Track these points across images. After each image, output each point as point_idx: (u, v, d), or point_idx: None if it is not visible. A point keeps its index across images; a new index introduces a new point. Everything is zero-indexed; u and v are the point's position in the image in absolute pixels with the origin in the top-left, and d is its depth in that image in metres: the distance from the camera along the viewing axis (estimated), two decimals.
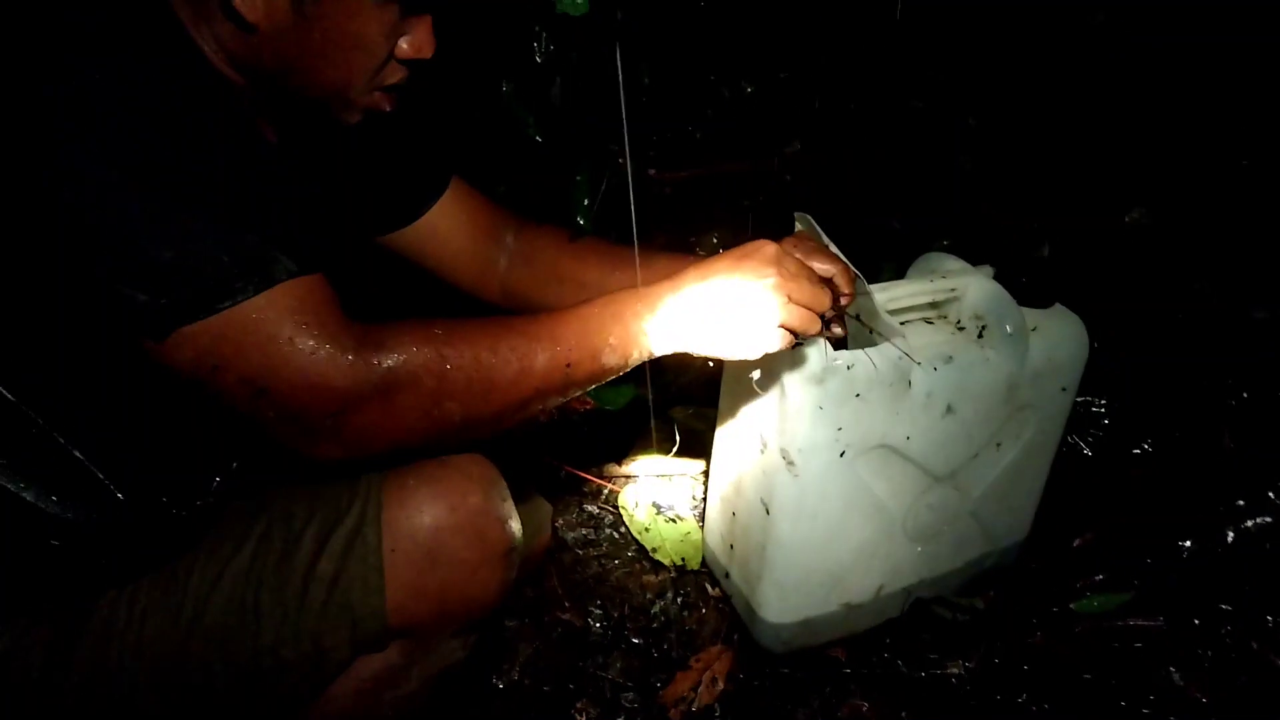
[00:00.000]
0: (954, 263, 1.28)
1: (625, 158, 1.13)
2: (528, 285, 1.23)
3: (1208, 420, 1.63)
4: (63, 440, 0.80)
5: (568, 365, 0.90)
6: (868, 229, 1.30)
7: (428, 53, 0.90)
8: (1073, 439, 1.57)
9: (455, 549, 0.90)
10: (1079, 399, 1.29)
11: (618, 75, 1.09)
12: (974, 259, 1.28)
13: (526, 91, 1.73)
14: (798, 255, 0.99)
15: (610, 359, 0.92)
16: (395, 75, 0.91)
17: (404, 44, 0.88)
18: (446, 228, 1.19)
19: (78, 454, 0.81)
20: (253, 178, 0.83)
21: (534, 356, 0.88)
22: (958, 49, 1.83)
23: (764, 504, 1.22)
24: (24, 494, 0.80)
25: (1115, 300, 1.54)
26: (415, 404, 0.83)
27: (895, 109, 1.86)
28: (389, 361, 0.80)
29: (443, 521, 0.90)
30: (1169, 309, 1.72)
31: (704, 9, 1.85)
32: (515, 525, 0.96)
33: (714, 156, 1.97)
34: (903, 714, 1.27)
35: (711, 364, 1.76)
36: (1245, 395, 1.63)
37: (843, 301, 1.04)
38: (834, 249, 1.17)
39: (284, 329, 0.77)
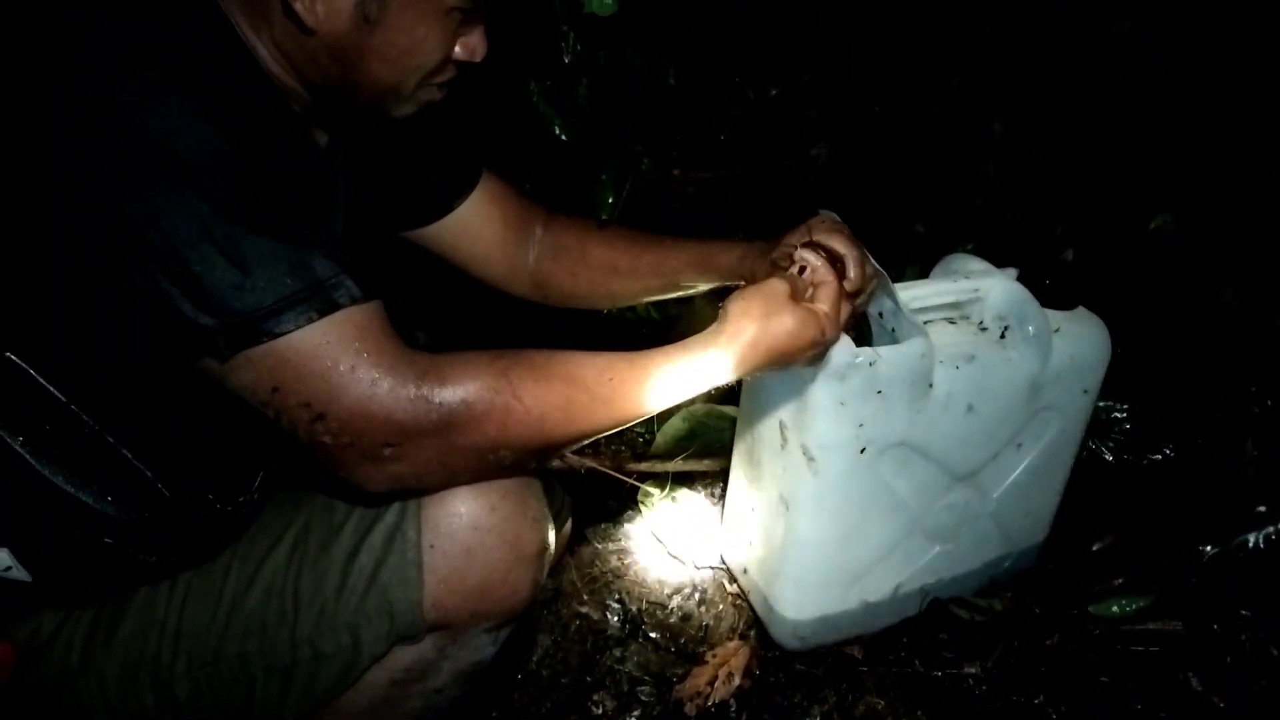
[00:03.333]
0: (978, 264, 1.28)
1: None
2: (559, 275, 1.24)
3: (1229, 426, 1.63)
4: (113, 441, 0.81)
5: (623, 419, 0.92)
6: (892, 231, 1.30)
7: (481, 55, 0.92)
8: (1093, 443, 1.56)
9: (491, 548, 0.91)
10: (1100, 403, 1.29)
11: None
12: (998, 262, 1.28)
13: (554, 92, 1.74)
14: (816, 242, 1.02)
15: (655, 408, 0.94)
16: (448, 74, 0.92)
17: (459, 47, 0.90)
18: (478, 223, 1.20)
19: (127, 454, 0.82)
20: (312, 190, 0.84)
21: (596, 413, 0.89)
22: (983, 53, 1.83)
23: (784, 500, 1.22)
24: (83, 496, 0.82)
25: (1138, 304, 1.54)
26: (473, 445, 0.83)
27: (920, 113, 1.87)
28: (452, 400, 0.80)
29: (481, 521, 0.90)
30: (1192, 314, 1.71)
31: (730, 11, 1.86)
32: (549, 527, 0.97)
33: (738, 158, 1.98)
34: (919, 713, 1.27)
35: None
36: (1269, 402, 1.62)
37: (849, 286, 1.03)
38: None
39: (346, 357, 0.77)
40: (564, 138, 1.74)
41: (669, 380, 0.92)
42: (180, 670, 0.89)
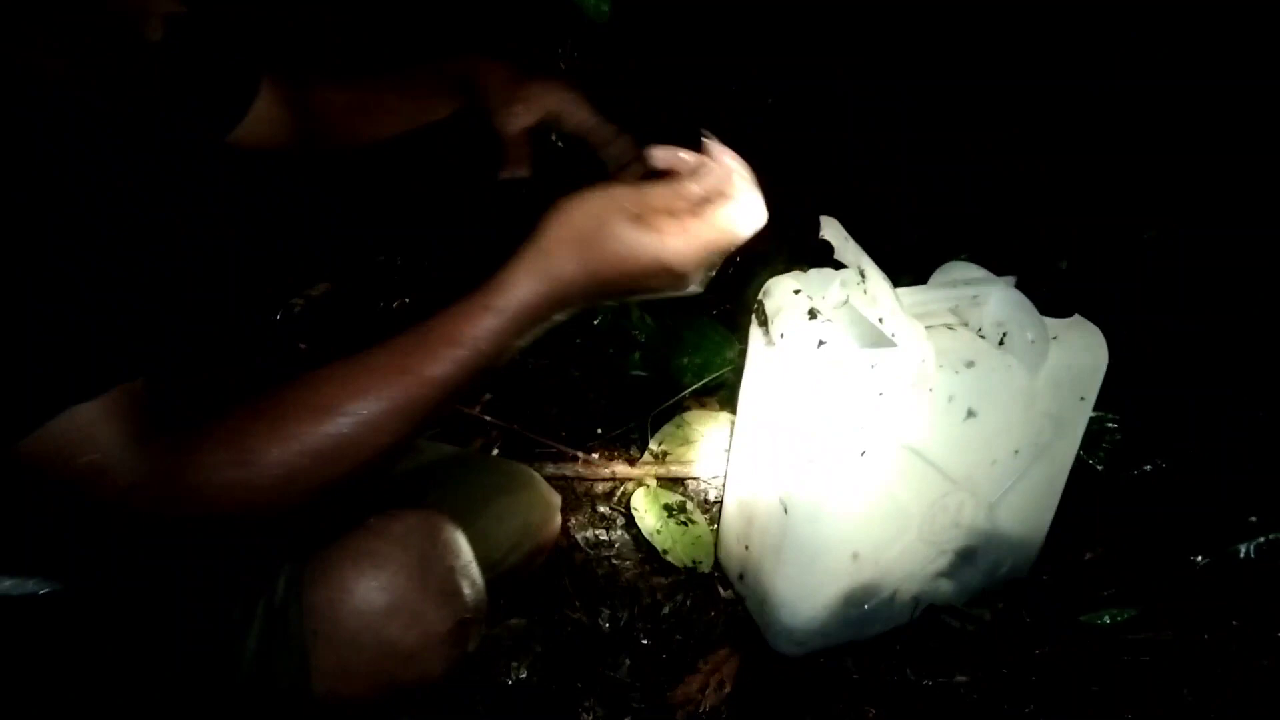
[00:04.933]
0: (976, 272, 1.29)
1: None
2: (330, 126, 1.17)
3: (1221, 436, 1.65)
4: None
5: (410, 425, 0.76)
6: (889, 238, 1.31)
7: None
8: (1084, 454, 1.57)
9: (386, 633, 0.83)
10: (1092, 414, 1.30)
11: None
12: (995, 271, 1.29)
13: None
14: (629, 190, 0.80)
15: (449, 401, 0.78)
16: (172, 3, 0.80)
17: None
18: (268, 123, 1.12)
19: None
20: (91, 207, 0.71)
21: (364, 443, 0.73)
22: (981, 62, 1.85)
23: (783, 504, 1.22)
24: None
25: (1132, 314, 1.55)
26: (227, 522, 0.73)
27: (915, 121, 1.89)
28: (187, 490, 0.70)
29: (368, 604, 0.82)
30: (1185, 325, 1.73)
31: (721, 19, 1.87)
32: (465, 595, 0.88)
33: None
34: None
35: (733, 368, 1.77)
36: (1260, 413, 1.64)
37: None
38: (860, 251, 1.18)
39: (100, 435, 0.68)
40: (559, 144, 1.74)
41: (459, 360, 0.75)
42: None
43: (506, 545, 1.18)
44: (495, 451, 1.73)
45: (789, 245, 1.35)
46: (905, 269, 1.27)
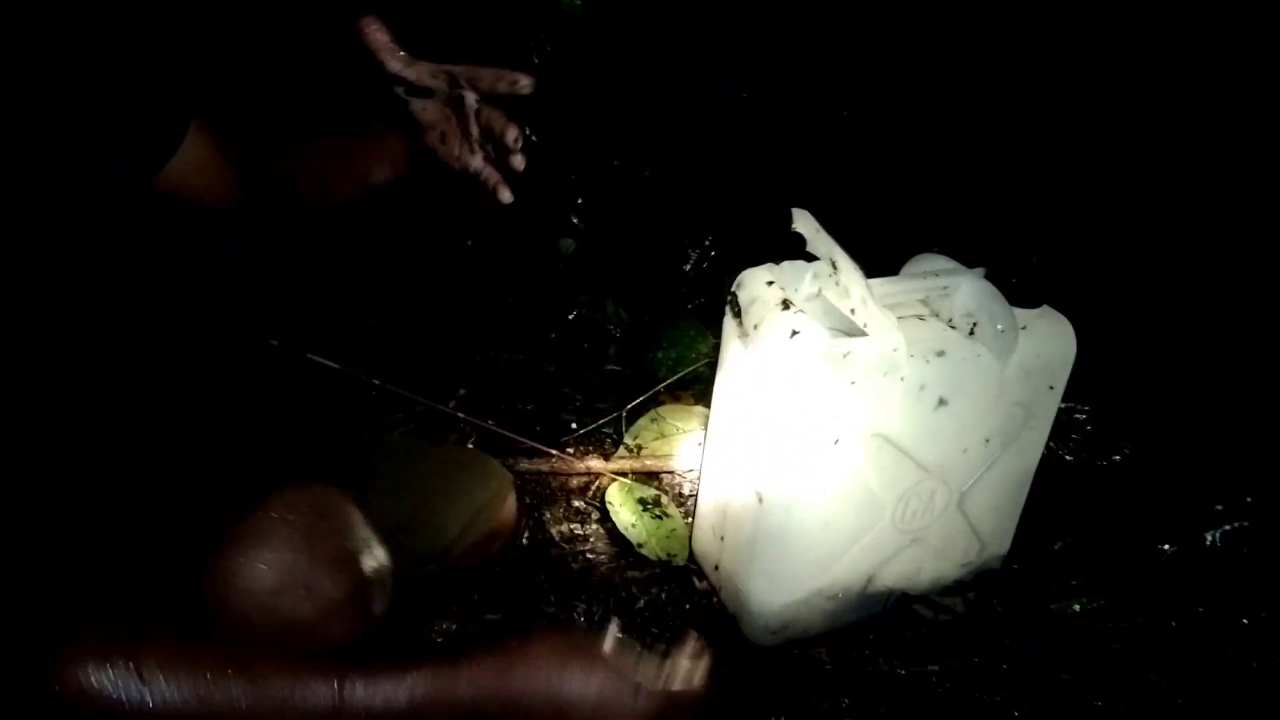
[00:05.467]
0: (946, 263, 1.30)
1: None
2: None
3: (1188, 426, 1.67)
4: None
5: None
6: (861, 230, 1.32)
7: None
8: (1054, 444, 1.59)
9: (280, 608, 0.83)
10: (1060, 405, 1.32)
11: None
12: (966, 263, 1.30)
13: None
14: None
15: None
16: None
17: None
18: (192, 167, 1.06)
19: None
20: None
21: None
22: (957, 58, 1.87)
23: (757, 494, 1.22)
24: None
25: (1100, 305, 1.57)
26: None
27: (889, 115, 1.90)
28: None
29: (257, 583, 0.83)
30: (1153, 315, 1.76)
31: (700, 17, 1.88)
32: (361, 562, 0.88)
33: (702, 154, 2.00)
34: (881, 710, 1.27)
35: (708, 362, 1.78)
36: (1226, 402, 1.67)
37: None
38: (832, 243, 1.19)
39: None
40: (533, 139, 1.74)
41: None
42: None
43: (458, 526, 1.18)
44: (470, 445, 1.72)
45: (765, 241, 1.35)
46: (877, 260, 1.28)
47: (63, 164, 0.86)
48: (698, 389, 1.82)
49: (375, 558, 0.90)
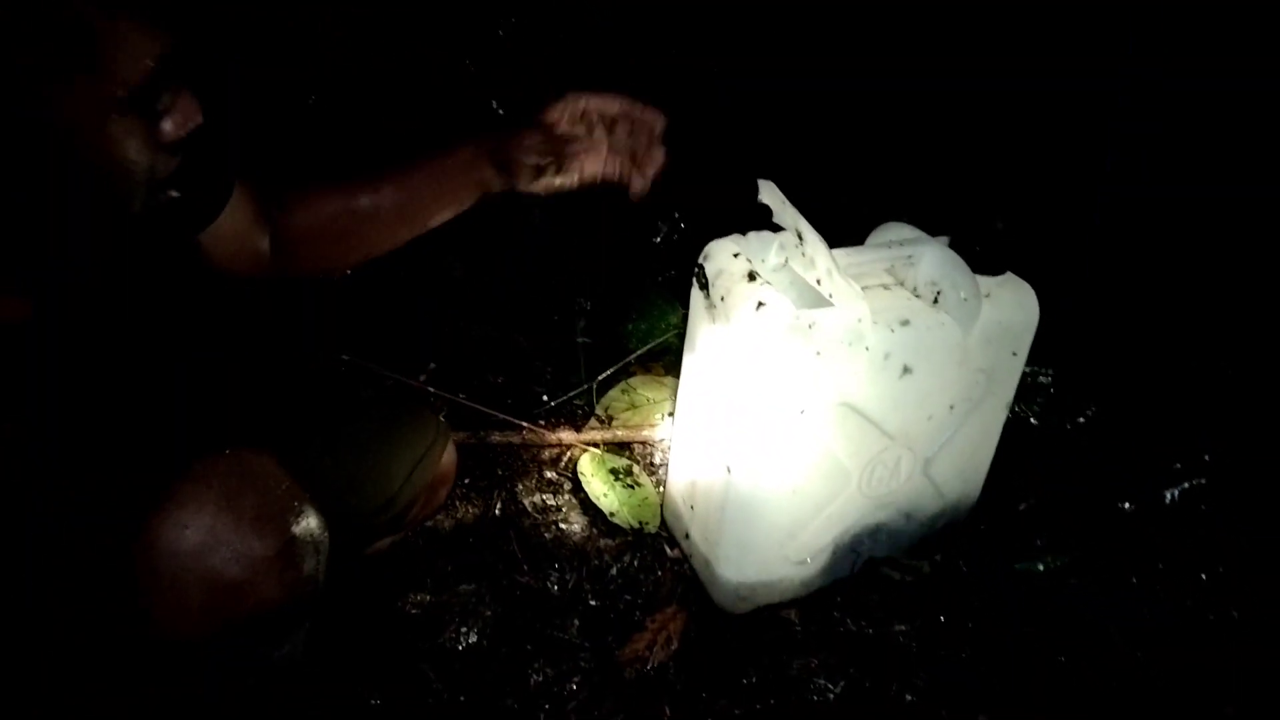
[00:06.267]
0: (910, 232, 1.31)
1: None
2: (297, 243, 1.17)
3: (1149, 387, 1.70)
4: None
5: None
6: (826, 202, 1.33)
7: (197, 119, 0.86)
8: (1019, 407, 1.62)
9: (207, 568, 0.87)
10: (1026, 369, 1.34)
11: None
12: (930, 232, 1.31)
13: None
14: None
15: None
16: (170, 164, 0.87)
17: (166, 127, 0.84)
18: (229, 227, 1.12)
19: None
20: None
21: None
22: (916, 25, 1.87)
23: (726, 463, 1.24)
24: None
25: (1063, 272, 1.59)
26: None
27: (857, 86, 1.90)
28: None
29: (182, 545, 0.86)
30: (1114, 281, 1.78)
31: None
32: (287, 520, 0.92)
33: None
34: (850, 670, 1.30)
35: (678, 333, 1.78)
36: (1185, 363, 1.70)
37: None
38: (797, 215, 1.20)
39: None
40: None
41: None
42: None
43: (401, 476, 1.20)
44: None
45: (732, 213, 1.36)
46: (842, 231, 1.29)
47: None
48: (668, 360, 1.83)
49: (303, 516, 0.93)
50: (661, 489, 1.55)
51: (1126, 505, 1.50)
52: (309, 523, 0.93)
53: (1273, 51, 1.70)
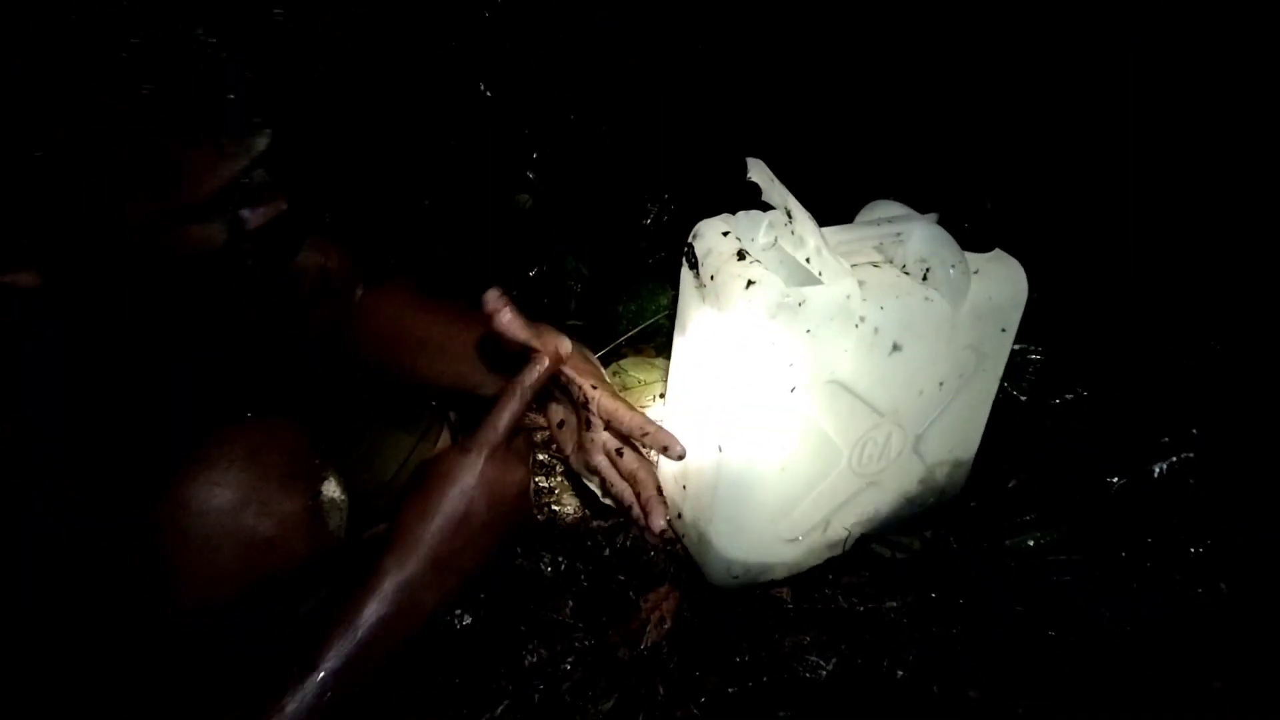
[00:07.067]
0: (899, 209, 1.31)
1: None
2: (362, 338, 1.18)
3: (1137, 363, 1.71)
4: None
5: None
6: (813, 180, 1.32)
7: (281, 207, 0.82)
8: (1008, 384, 1.62)
9: (241, 525, 0.87)
10: (1015, 345, 1.34)
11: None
12: (919, 209, 1.31)
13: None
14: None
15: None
16: (250, 241, 0.83)
17: (248, 217, 0.80)
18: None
19: None
20: None
21: None
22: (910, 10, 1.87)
23: (717, 443, 1.24)
24: None
25: (1052, 248, 1.59)
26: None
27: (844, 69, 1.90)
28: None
29: (215, 504, 0.87)
30: (1103, 259, 1.78)
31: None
32: (313, 478, 0.93)
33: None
34: (842, 646, 1.31)
35: (668, 314, 1.78)
36: (1174, 340, 1.70)
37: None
38: (786, 193, 1.19)
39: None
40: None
41: None
42: None
43: (397, 462, 1.23)
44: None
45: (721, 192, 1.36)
46: (831, 208, 1.29)
47: None
48: (659, 341, 1.83)
49: (327, 475, 0.94)
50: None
51: (1115, 480, 1.51)
52: (331, 482, 0.95)
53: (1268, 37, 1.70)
